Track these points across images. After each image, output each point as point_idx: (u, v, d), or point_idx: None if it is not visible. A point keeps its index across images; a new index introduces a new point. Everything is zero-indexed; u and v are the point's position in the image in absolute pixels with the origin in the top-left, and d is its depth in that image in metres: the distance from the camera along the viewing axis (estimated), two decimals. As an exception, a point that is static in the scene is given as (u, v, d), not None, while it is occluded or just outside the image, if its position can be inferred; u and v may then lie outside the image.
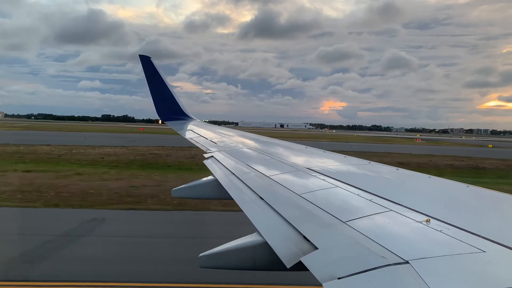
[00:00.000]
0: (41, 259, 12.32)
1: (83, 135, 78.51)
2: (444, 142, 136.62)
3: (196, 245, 12.62)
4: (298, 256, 2.46)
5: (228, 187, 4.66)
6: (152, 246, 14.00)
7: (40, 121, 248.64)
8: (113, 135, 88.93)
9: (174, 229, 16.39)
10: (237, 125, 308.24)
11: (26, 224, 16.16)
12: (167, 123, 14.15)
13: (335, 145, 72.67)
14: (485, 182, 29.62)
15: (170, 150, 49.70)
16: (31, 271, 11.35)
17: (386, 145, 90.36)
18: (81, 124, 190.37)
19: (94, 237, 14.94)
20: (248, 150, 7.60)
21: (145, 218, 17.73)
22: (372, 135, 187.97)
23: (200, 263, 3.21)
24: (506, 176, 36.36)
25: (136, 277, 11.27)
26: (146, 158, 40.30)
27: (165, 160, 39.17)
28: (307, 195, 3.65)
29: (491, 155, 66.36)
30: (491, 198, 3.48)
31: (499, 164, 49.37)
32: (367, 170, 5.11)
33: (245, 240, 3.19)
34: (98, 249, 13.56)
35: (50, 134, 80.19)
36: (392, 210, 2.95)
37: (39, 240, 13.86)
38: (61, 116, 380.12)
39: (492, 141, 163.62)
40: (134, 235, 15.13)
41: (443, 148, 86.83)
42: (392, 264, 2.04)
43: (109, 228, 16.38)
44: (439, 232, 2.43)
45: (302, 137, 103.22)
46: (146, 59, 13.64)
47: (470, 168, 42.95)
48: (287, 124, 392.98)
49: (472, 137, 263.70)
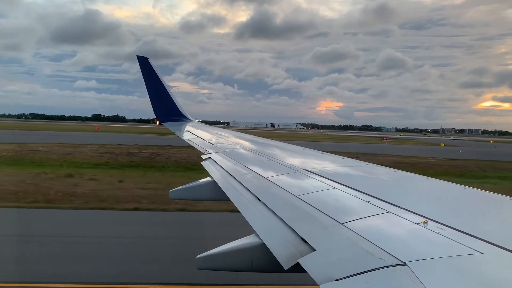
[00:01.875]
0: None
1: (36, 134, 79.44)
2: (412, 141, 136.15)
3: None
4: (296, 257, 2.46)
5: (226, 188, 4.66)
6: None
7: (23, 121, 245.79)
8: (59, 133, 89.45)
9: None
10: (228, 125, 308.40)
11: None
12: (164, 124, 14.14)
13: (296, 143, 73.30)
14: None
15: (72, 147, 49.18)
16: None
17: (343, 144, 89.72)
18: (56, 124, 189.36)
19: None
20: (246, 152, 7.60)
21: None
22: (345, 135, 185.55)
23: (198, 264, 3.20)
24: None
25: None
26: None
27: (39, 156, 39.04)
28: (304, 197, 3.65)
29: (430, 153, 67.12)
30: (488, 200, 3.50)
31: (416, 161, 49.54)
32: (365, 171, 5.12)
33: (242, 241, 3.18)
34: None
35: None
36: (389, 212, 2.96)
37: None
38: (51, 116, 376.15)
39: (472, 141, 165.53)
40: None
41: (396, 147, 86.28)
42: (390, 266, 2.04)
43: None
44: (437, 233, 2.44)
45: (274, 136, 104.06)
46: (144, 60, 13.63)
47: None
48: (278, 124, 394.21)
49: (451, 137, 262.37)
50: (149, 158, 41.32)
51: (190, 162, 35.16)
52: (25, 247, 13.27)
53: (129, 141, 63.92)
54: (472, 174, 38.23)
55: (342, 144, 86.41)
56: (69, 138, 67.56)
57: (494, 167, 46.52)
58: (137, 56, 13.71)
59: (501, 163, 52.58)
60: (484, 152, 79.54)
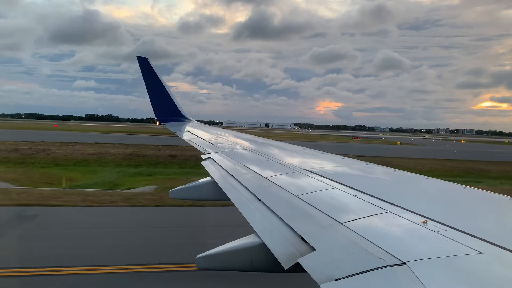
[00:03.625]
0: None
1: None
2: (381, 140, 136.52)
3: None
4: (296, 257, 2.46)
5: (226, 188, 4.66)
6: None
7: (13, 120, 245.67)
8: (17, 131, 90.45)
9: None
10: (222, 124, 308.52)
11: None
12: (164, 124, 14.15)
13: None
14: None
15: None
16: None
17: (311, 142, 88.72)
18: (41, 123, 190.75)
19: None
20: (245, 151, 7.60)
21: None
22: (326, 134, 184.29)
23: (198, 264, 3.21)
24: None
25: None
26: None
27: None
28: (304, 196, 3.65)
29: (368, 151, 67.16)
30: (488, 200, 3.50)
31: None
32: (365, 171, 5.12)
33: (242, 241, 3.19)
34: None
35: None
36: (389, 212, 2.96)
37: None
38: (44, 115, 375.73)
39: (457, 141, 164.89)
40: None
41: (352, 146, 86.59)
42: (390, 265, 2.04)
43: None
44: (436, 233, 2.44)
45: (258, 135, 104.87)
46: (144, 60, 13.62)
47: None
48: (272, 124, 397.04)
49: (433, 136, 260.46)
50: (28, 154, 43.74)
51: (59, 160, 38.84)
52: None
53: (52, 139, 65.72)
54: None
55: (310, 143, 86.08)
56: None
57: (389, 163, 46.09)
58: (137, 57, 13.71)
59: (408, 160, 52.90)
60: (426, 151, 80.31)
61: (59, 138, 68.69)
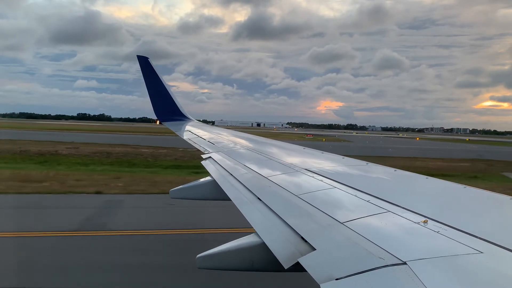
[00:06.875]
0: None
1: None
2: (334, 137, 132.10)
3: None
4: (296, 257, 2.46)
5: (226, 188, 4.66)
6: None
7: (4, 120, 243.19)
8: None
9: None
10: (214, 124, 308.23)
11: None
12: (164, 124, 14.14)
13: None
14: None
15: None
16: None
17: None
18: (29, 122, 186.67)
19: None
20: (246, 151, 7.60)
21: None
22: (296, 132, 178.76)
23: (198, 264, 3.21)
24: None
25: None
26: None
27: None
28: (304, 196, 3.65)
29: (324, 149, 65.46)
30: (488, 199, 3.49)
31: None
32: (365, 171, 5.12)
33: (243, 241, 3.18)
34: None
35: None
36: (389, 211, 2.96)
37: None
38: (35, 115, 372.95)
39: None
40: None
41: (300, 143, 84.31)
42: (390, 265, 2.04)
43: None
44: (437, 233, 2.43)
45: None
46: (144, 59, 13.61)
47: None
48: (264, 123, 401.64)
49: (404, 135, 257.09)
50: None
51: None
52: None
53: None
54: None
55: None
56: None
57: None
58: (137, 56, 13.70)
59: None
60: (339, 147, 77.12)
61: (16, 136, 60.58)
